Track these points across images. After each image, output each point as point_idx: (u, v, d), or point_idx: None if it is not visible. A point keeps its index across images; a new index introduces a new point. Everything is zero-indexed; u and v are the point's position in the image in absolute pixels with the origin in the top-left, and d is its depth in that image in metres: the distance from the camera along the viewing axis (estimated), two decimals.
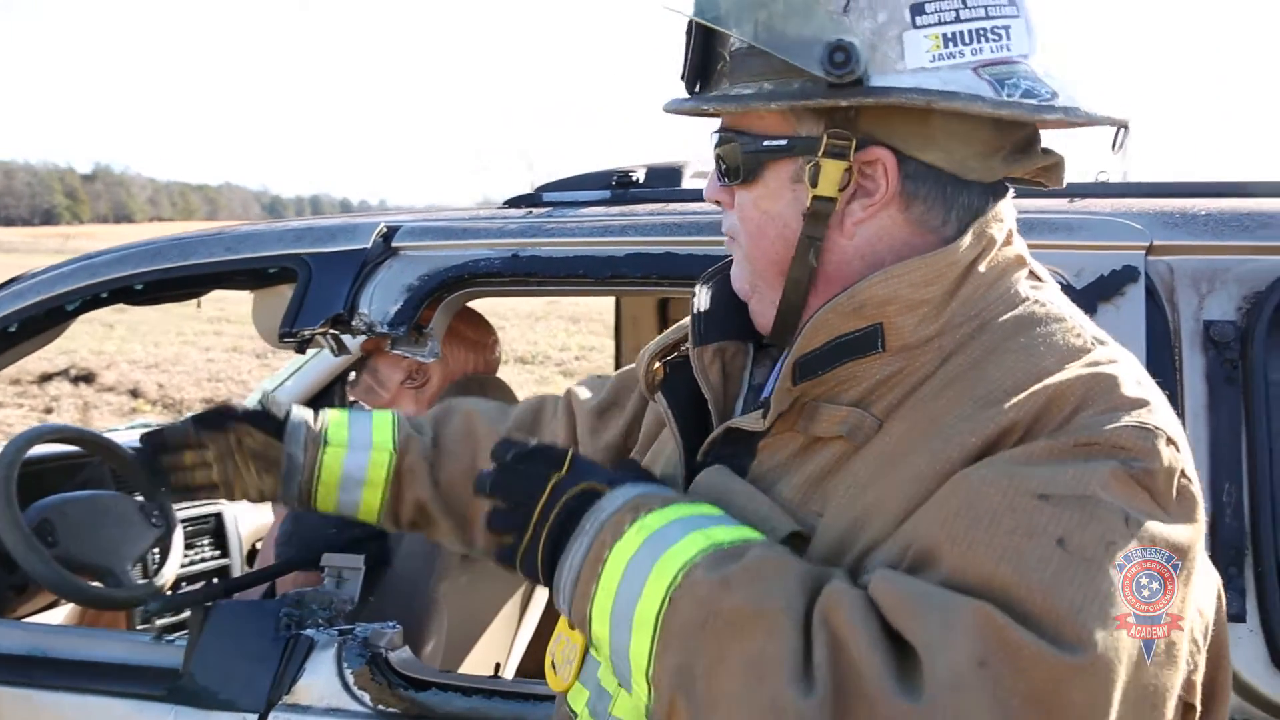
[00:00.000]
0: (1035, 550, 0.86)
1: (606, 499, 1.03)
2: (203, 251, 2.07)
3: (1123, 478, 0.89)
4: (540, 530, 1.04)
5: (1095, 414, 0.93)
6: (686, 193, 2.03)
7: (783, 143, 1.07)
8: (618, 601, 0.98)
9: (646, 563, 0.96)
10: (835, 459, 1.05)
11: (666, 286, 1.81)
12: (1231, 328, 1.54)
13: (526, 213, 2.00)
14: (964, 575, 0.88)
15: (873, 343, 1.04)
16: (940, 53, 1.02)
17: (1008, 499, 0.89)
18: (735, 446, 1.14)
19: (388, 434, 1.65)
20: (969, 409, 0.97)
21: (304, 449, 1.63)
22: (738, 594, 0.91)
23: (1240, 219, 1.61)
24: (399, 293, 1.88)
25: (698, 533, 0.98)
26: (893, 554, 0.95)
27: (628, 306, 3.47)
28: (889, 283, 1.03)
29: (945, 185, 1.06)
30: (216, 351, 12.93)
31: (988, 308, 1.05)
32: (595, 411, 1.59)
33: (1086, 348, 1.00)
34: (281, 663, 1.74)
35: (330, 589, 1.88)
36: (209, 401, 10.15)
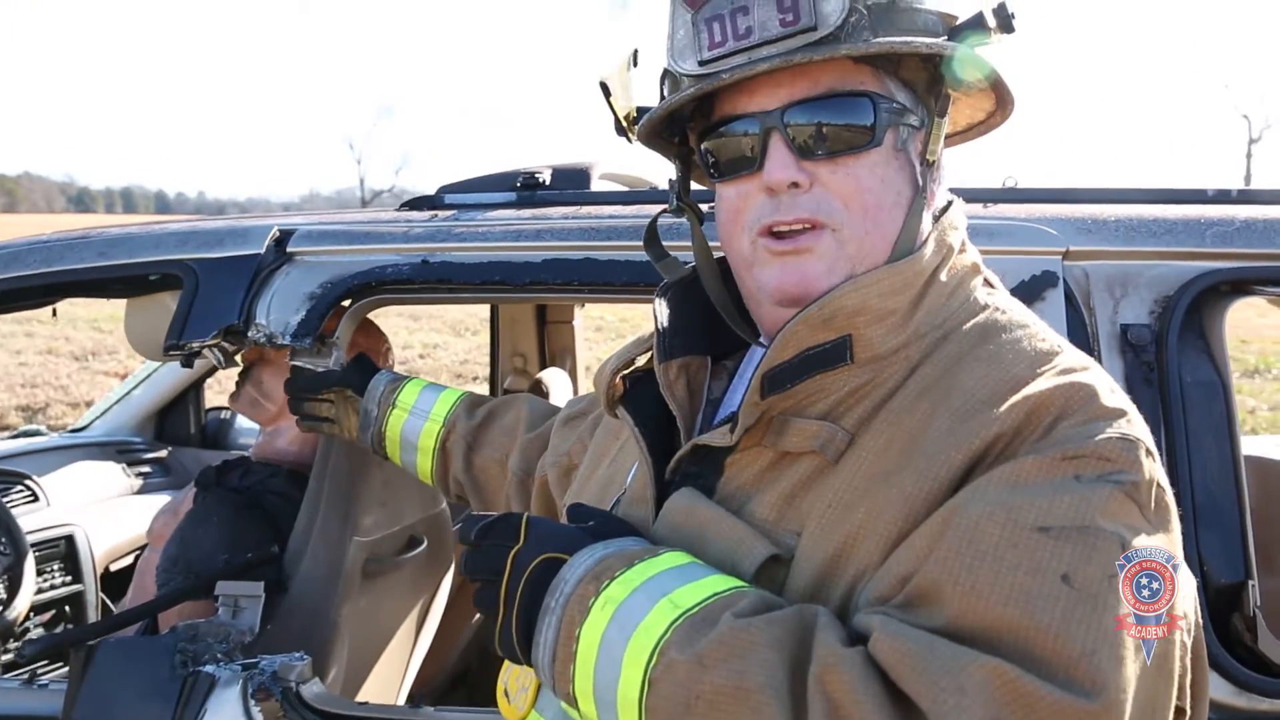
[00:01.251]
0: (1042, 589, 0.85)
1: (567, 569, 0.99)
2: (71, 257, 1.90)
3: (1117, 497, 0.90)
4: (510, 610, 1.00)
5: (1077, 424, 0.93)
6: (595, 195, 1.97)
7: (900, 104, 1.06)
8: (598, 684, 0.94)
9: (619, 644, 0.93)
10: (809, 474, 1.02)
11: (586, 293, 1.75)
12: (1147, 331, 1.59)
13: (431, 216, 1.91)
14: (970, 618, 0.86)
15: (842, 354, 1.02)
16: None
17: (1008, 534, 0.88)
18: (702, 463, 1.10)
19: (445, 408, 1.80)
20: (948, 422, 0.96)
21: (378, 404, 1.82)
22: (715, 673, 0.87)
23: (1149, 225, 1.66)
24: (300, 301, 1.77)
25: (664, 600, 0.94)
26: (886, 585, 0.92)
27: (505, 307, 3.39)
28: (859, 293, 1.02)
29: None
30: (29, 355, 12.05)
31: (950, 316, 1.05)
32: (564, 420, 1.60)
33: (1053, 351, 1.01)
34: (179, 704, 1.61)
35: (226, 619, 1.75)
36: (25, 409, 9.46)
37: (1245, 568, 1.50)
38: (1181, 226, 1.65)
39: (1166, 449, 1.54)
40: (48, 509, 3.00)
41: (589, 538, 1.03)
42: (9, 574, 2.33)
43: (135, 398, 3.72)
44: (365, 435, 1.83)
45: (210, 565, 1.89)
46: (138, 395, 3.72)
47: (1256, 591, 1.49)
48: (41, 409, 9.45)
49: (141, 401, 3.71)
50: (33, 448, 3.38)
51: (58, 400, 9.75)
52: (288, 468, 2.14)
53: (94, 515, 3.13)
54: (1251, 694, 1.46)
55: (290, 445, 2.18)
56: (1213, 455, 1.53)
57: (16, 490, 2.97)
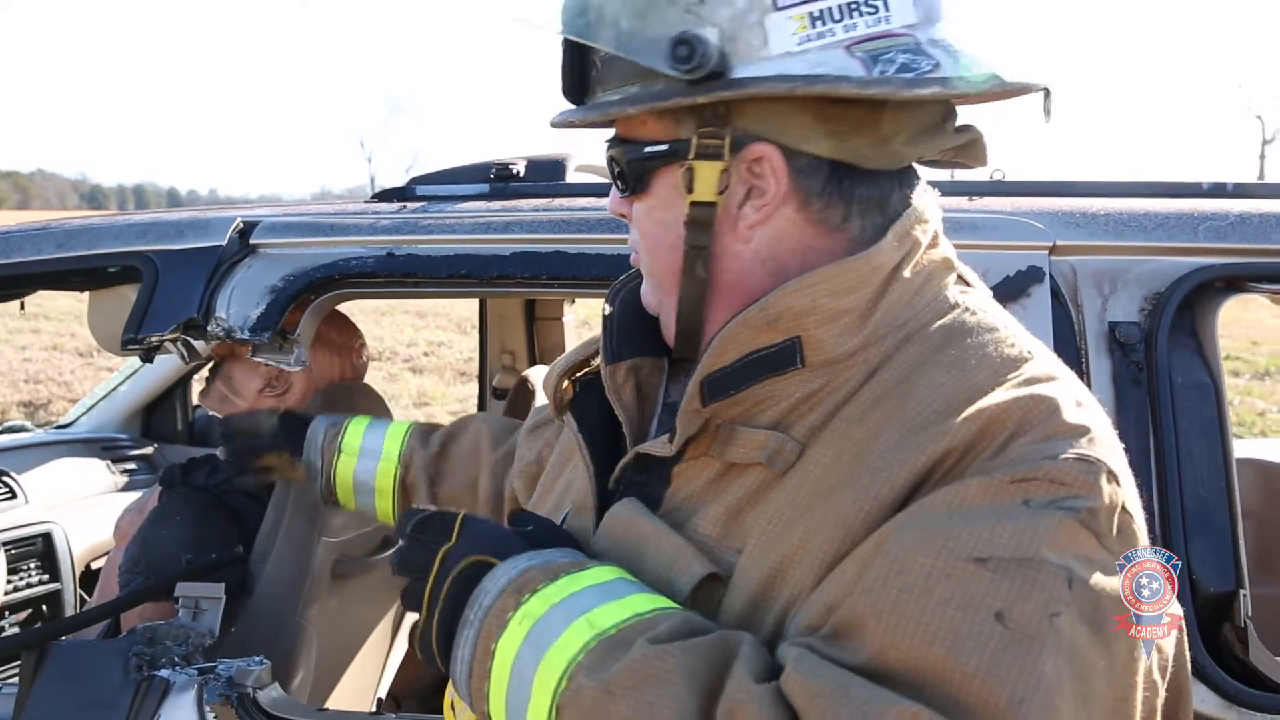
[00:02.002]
0: (972, 627, 0.77)
1: (489, 580, 0.93)
2: (29, 248, 1.85)
3: (1068, 526, 0.80)
4: (433, 612, 0.95)
5: (1032, 442, 0.84)
6: (571, 187, 1.91)
7: (663, 148, 0.98)
8: (510, 705, 0.89)
9: (531, 663, 0.87)
10: (754, 488, 0.96)
11: (556, 287, 1.69)
12: (1136, 329, 1.53)
13: (400, 208, 1.85)
14: (891, 655, 0.78)
15: (791, 358, 0.95)
16: (808, 34, 0.92)
17: (940, 564, 0.79)
18: (648, 473, 1.04)
19: (396, 444, 1.75)
20: (897, 435, 0.89)
21: (320, 454, 1.76)
22: (622, 703, 0.81)
23: (1139, 219, 1.60)
24: (261, 295, 1.71)
25: (581, 620, 0.87)
26: (815, 614, 0.85)
27: (494, 304, 3.33)
28: (805, 291, 0.94)
29: (841, 179, 0.96)
30: (34, 350, 12.04)
31: (915, 316, 0.97)
32: (529, 429, 1.54)
33: (1022, 358, 0.93)
34: (132, 710, 1.56)
35: (186, 621, 1.69)
36: (27, 405, 9.45)
37: (1236, 576, 1.43)
38: (1174, 221, 1.59)
39: (1155, 453, 1.48)
40: (26, 506, 2.95)
41: (523, 544, 0.97)
42: None
43: (121, 394, 3.67)
44: (313, 488, 1.79)
45: (172, 566, 1.84)
46: (124, 391, 3.68)
47: (1248, 601, 1.42)
48: (43, 405, 9.43)
49: (128, 398, 3.67)
50: (15, 444, 3.34)
51: (60, 396, 9.72)
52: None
53: (75, 513, 3.09)
54: (1242, 708, 1.40)
55: None
56: (1203, 459, 1.47)
57: None
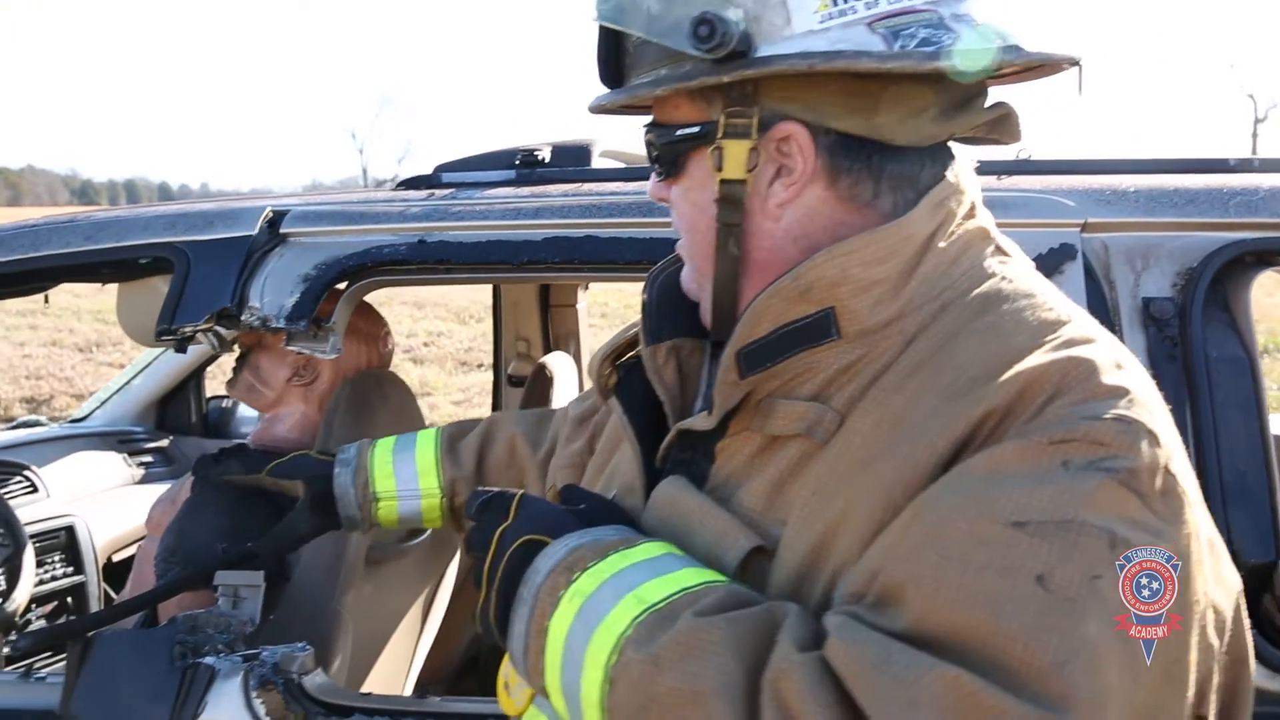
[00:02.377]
0: (1012, 591, 0.77)
1: (540, 559, 0.95)
2: (57, 241, 1.85)
3: (1108, 486, 0.80)
4: (491, 589, 0.98)
5: (1071, 403, 0.84)
6: (596, 172, 1.92)
7: (694, 130, 1.00)
8: (565, 680, 0.91)
9: (582, 639, 0.89)
10: (796, 460, 0.97)
11: (588, 272, 1.70)
12: (1170, 304, 1.54)
13: (428, 195, 1.86)
14: (931, 622, 0.79)
15: (826, 329, 0.96)
16: (829, 12, 0.93)
17: (979, 529, 0.80)
18: (692, 450, 1.06)
19: (433, 479, 1.69)
20: (935, 401, 0.89)
21: (358, 508, 1.70)
22: (669, 675, 0.83)
23: (1170, 195, 1.61)
24: (294, 283, 1.72)
25: (630, 595, 0.89)
26: (859, 581, 0.86)
27: (508, 291, 3.34)
28: (836, 261, 0.95)
29: (870, 155, 0.97)
30: (33, 346, 12.02)
31: (951, 285, 0.97)
32: (575, 419, 1.52)
33: (1060, 321, 0.93)
34: (179, 697, 1.57)
35: (226, 610, 1.70)
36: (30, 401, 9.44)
37: (1276, 546, 1.45)
38: (1204, 196, 1.60)
39: (1192, 426, 1.49)
40: (47, 500, 2.96)
41: (575, 522, 0.99)
42: (8, 565, 2.29)
43: (135, 387, 3.68)
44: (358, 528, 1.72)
45: (208, 555, 1.85)
46: (138, 384, 3.68)
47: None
48: (46, 400, 9.43)
49: (142, 391, 3.67)
50: (32, 438, 3.35)
51: (62, 392, 9.72)
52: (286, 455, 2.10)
53: (95, 506, 3.10)
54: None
55: (290, 432, 2.13)
56: (1240, 432, 1.48)
57: (15, 481, 2.93)
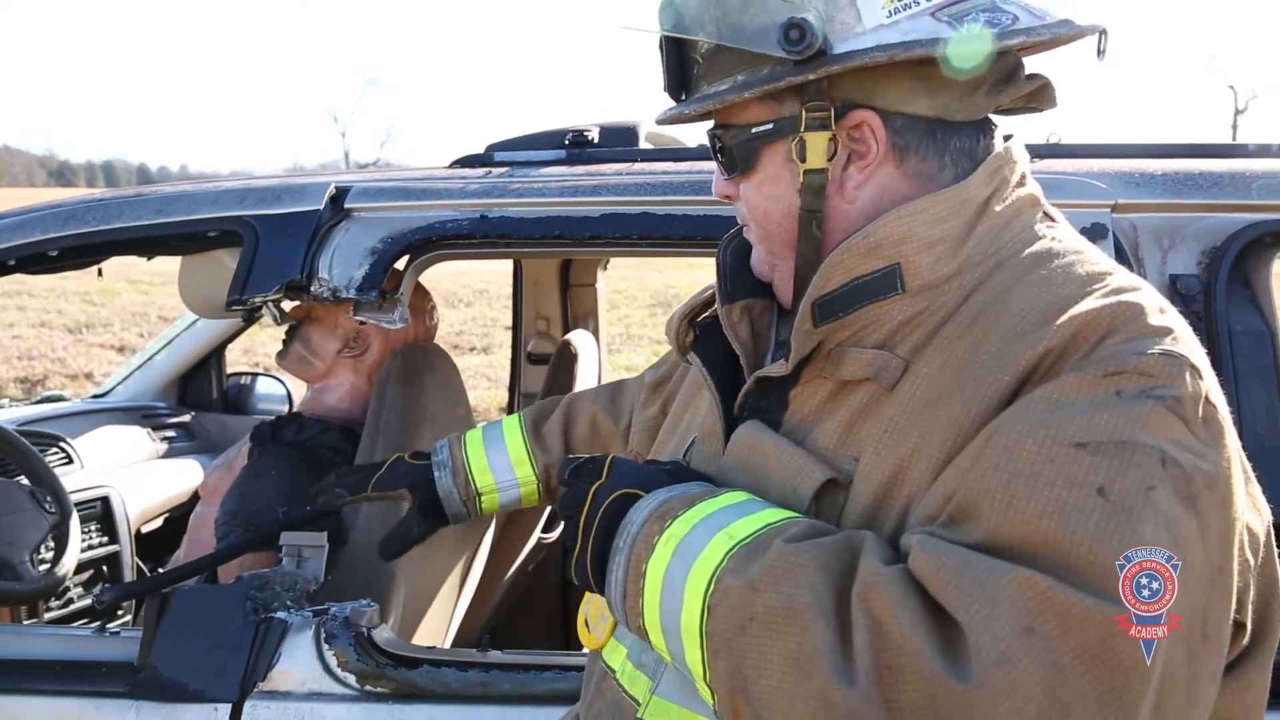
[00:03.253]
0: (1077, 501, 0.87)
1: (634, 511, 1.05)
2: (129, 214, 1.92)
3: (1159, 412, 0.90)
4: (586, 542, 1.07)
5: (1121, 341, 0.95)
6: (645, 152, 2.00)
7: (769, 127, 1.10)
8: (664, 616, 1.00)
9: (680, 575, 0.98)
10: (865, 402, 1.06)
11: (645, 246, 1.79)
12: (1196, 281, 1.64)
13: (486, 173, 1.93)
14: (1006, 532, 0.89)
15: (892, 284, 1.06)
16: (895, 6, 1.04)
17: (1045, 450, 0.90)
18: (768, 398, 1.15)
19: (528, 468, 1.80)
20: (997, 344, 0.99)
21: (463, 505, 1.81)
22: (766, 595, 0.92)
23: (1195, 179, 1.70)
24: (362, 256, 1.79)
25: (721, 534, 0.99)
26: (933, 505, 0.96)
27: (529, 270, 3.41)
28: (902, 220, 1.05)
29: (935, 132, 1.08)
30: (22, 327, 11.99)
31: (1004, 245, 1.07)
32: (651, 385, 1.61)
33: (1106, 272, 1.03)
34: (253, 648, 1.65)
35: (291, 569, 1.79)
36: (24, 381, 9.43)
37: None
38: (1228, 179, 1.70)
39: None
40: (82, 471, 3.03)
41: (665, 478, 1.10)
42: (55, 533, 2.35)
43: (157, 363, 3.73)
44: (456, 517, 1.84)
45: (269, 518, 1.93)
46: (159, 361, 3.73)
47: None
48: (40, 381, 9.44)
49: (163, 367, 3.73)
50: (59, 412, 3.40)
51: (56, 372, 9.73)
52: (338, 423, 2.18)
53: (125, 478, 3.16)
54: None
55: (340, 402, 2.21)
56: (1262, 402, 1.58)
57: (52, 452, 2.99)
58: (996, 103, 1.10)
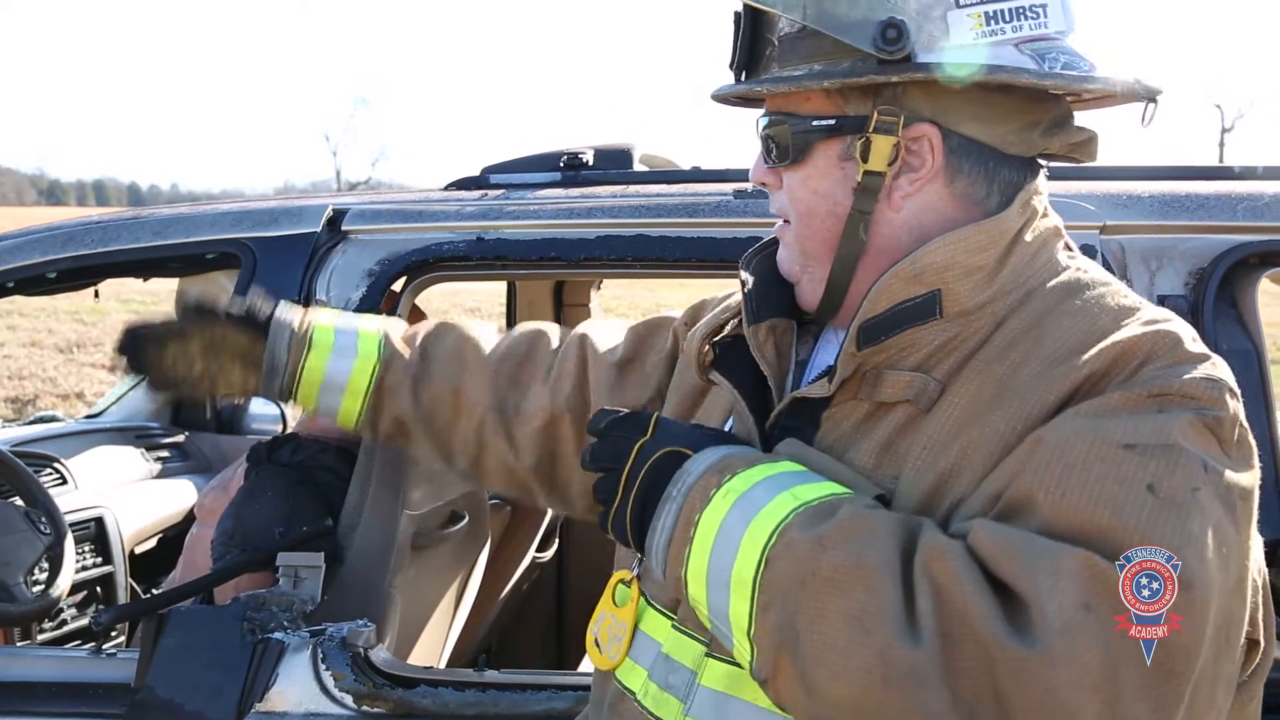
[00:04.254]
0: (1129, 496, 0.91)
1: (692, 462, 1.07)
2: (127, 237, 1.94)
3: (1198, 426, 0.95)
4: (628, 494, 1.08)
5: (1163, 366, 0.99)
6: (639, 175, 2.03)
7: (831, 122, 1.11)
8: (713, 564, 1.01)
9: (739, 526, 1.00)
10: (903, 423, 1.09)
11: (639, 268, 1.81)
12: (1183, 301, 1.66)
13: (482, 195, 1.95)
14: (1062, 520, 0.92)
15: (932, 309, 1.08)
16: (983, 30, 1.07)
17: (1096, 449, 0.94)
18: (799, 418, 1.16)
19: (374, 345, 1.62)
20: (1038, 368, 1.03)
21: (288, 349, 1.60)
22: (834, 552, 0.95)
23: (1182, 200, 1.73)
24: (359, 278, 1.81)
25: (785, 494, 1.01)
26: (980, 505, 0.99)
27: (523, 291, 3.42)
28: (947, 248, 1.08)
29: (987, 159, 1.12)
30: (13, 347, 11.98)
31: (1033, 275, 1.11)
32: (617, 366, 1.53)
33: (1136, 305, 1.08)
34: (250, 669, 1.66)
35: (288, 589, 1.79)
36: (15, 401, 9.41)
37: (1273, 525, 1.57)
38: (1214, 201, 1.73)
39: None
40: (76, 491, 3.02)
41: (716, 439, 1.11)
42: (50, 554, 2.35)
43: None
44: (272, 384, 1.61)
45: (266, 539, 1.93)
46: None
47: None
48: (31, 400, 9.41)
49: None
50: (53, 432, 3.39)
51: (47, 392, 9.70)
52: (334, 443, 2.18)
53: (119, 498, 3.15)
54: None
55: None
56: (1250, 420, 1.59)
57: (46, 472, 2.98)
58: (1047, 145, 1.13)
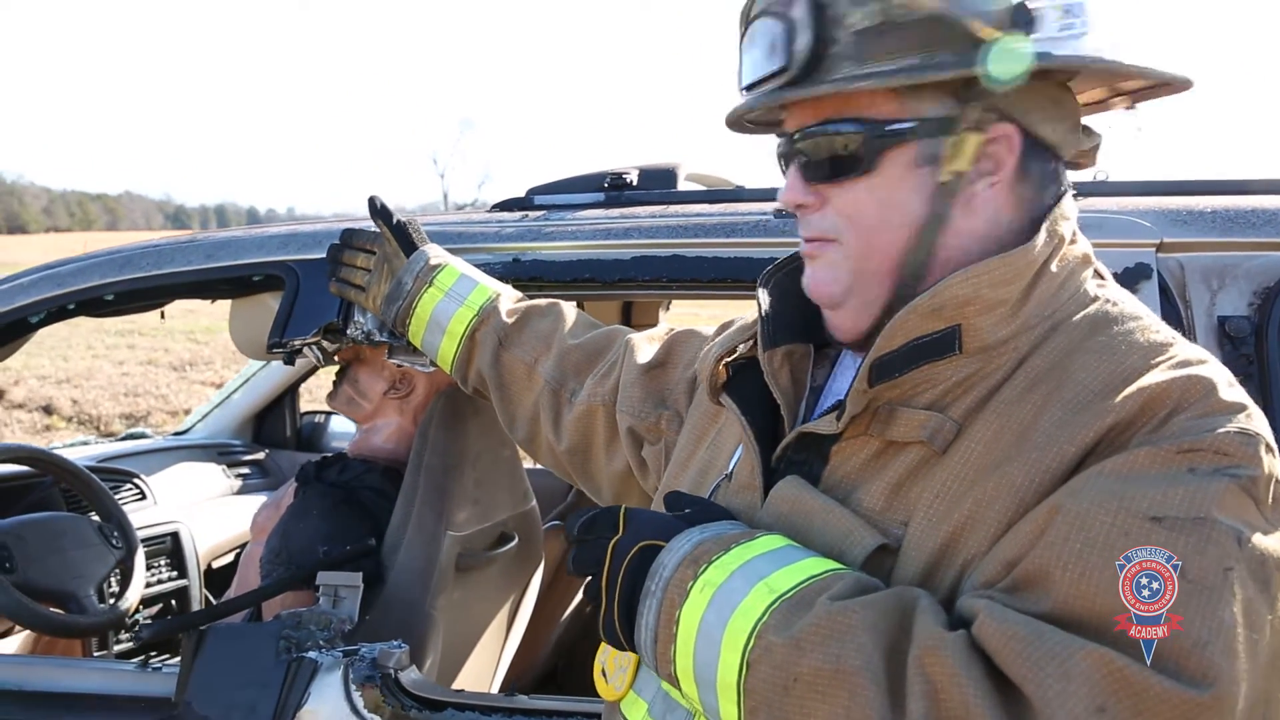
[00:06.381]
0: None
1: (665, 554, 1.02)
2: (180, 259, 1.99)
3: (1233, 490, 0.87)
4: (612, 597, 1.04)
5: (1194, 417, 0.91)
6: (682, 194, 2.00)
7: (909, 125, 1.02)
8: (698, 665, 0.97)
9: (717, 626, 0.95)
10: (916, 464, 1.03)
11: (675, 289, 1.78)
12: (1246, 323, 1.56)
13: (522, 216, 1.95)
14: (1080, 603, 0.85)
15: (950, 344, 1.02)
16: (1063, 23, 1.01)
17: (1120, 521, 0.86)
18: (807, 451, 1.11)
19: (481, 297, 1.72)
20: (1060, 413, 0.95)
21: (414, 278, 1.73)
22: (813, 656, 0.89)
23: (1246, 216, 1.63)
24: None
25: (760, 585, 0.96)
26: (992, 570, 0.92)
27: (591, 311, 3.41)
28: (970, 282, 1.01)
29: (1049, 161, 1.06)
30: (130, 365, 12.50)
31: (1060, 308, 1.04)
32: (643, 369, 1.53)
33: (1168, 343, 0.99)
34: (284, 687, 1.67)
35: (327, 608, 1.81)
36: (128, 417, 9.80)
37: None
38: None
39: None
40: (155, 507, 3.12)
41: (685, 524, 1.05)
42: (121, 567, 2.42)
43: (234, 402, 3.84)
44: (390, 308, 1.74)
45: (310, 557, 1.95)
46: (237, 399, 3.84)
47: None
48: (143, 416, 9.80)
49: (240, 405, 3.84)
50: (139, 449, 3.51)
51: (158, 409, 10.08)
52: (383, 464, 2.21)
53: (197, 514, 3.25)
54: None
55: (385, 443, 2.24)
56: None
57: (126, 488, 3.09)
58: (1078, 145, 1.09)
